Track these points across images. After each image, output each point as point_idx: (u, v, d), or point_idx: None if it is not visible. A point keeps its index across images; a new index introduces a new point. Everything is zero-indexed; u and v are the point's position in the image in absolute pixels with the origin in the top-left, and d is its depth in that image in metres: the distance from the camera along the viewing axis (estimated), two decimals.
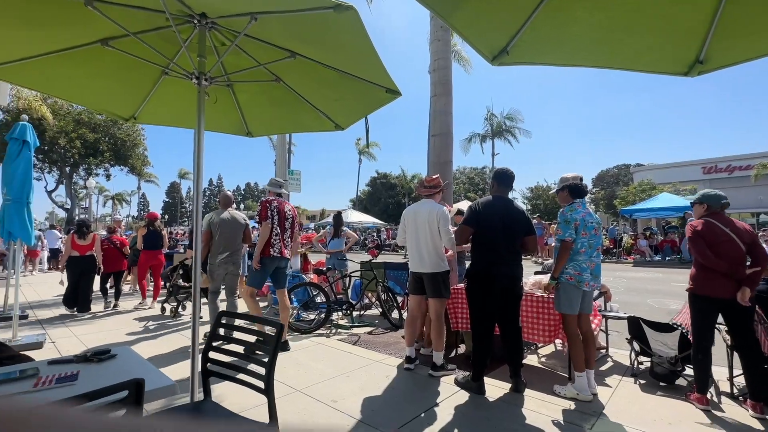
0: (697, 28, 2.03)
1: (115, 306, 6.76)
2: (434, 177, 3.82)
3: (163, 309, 6.38)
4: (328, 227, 7.10)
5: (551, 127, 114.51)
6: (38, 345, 4.38)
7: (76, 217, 24.79)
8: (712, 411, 2.84)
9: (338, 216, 6.93)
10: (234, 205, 4.91)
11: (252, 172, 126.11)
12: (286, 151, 10.35)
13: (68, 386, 1.40)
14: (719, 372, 3.24)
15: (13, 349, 1.98)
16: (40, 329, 5.21)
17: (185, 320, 5.97)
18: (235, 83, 3.04)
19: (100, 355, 1.68)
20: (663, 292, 8.44)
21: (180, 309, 6.25)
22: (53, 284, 8.29)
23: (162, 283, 7.14)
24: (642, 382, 3.38)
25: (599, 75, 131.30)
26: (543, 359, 4.07)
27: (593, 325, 3.54)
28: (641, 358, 3.56)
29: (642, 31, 2.13)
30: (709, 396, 2.91)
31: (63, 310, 6.28)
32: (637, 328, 3.53)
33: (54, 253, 13.60)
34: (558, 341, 4.03)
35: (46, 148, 24.02)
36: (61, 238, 14.14)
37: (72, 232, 6.53)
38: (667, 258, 15.83)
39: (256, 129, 3.59)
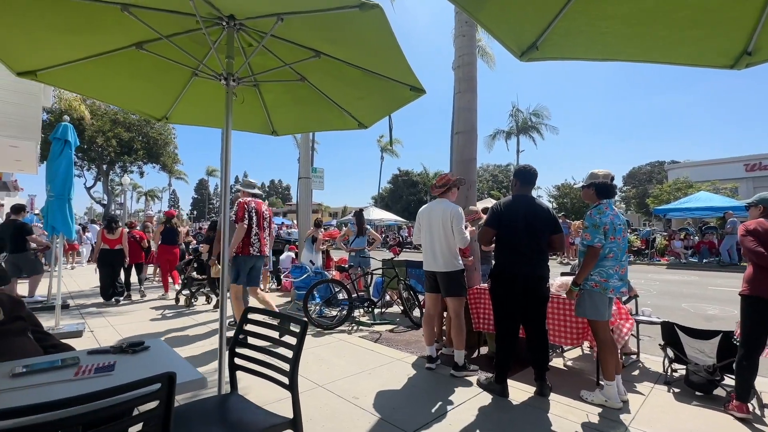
0: (745, 16, 1.89)
1: (142, 292, 7.25)
2: (444, 175, 3.77)
3: (177, 299, 6.79)
4: (350, 225, 7.14)
5: (579, 123, 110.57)
6: (78, 333, 4.65)
7: (112, 212, 26.13)
8: (753, 423, 2.67)
9: (360, 214, 6.96)
10: None
11: (276, 170, 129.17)
12: (309, 149, 10.48)
13: (106, 376, 1.47)
14: (761, 383, 3.04)
15: (56, 338, 2.09)
16: (80, 318, 5.53)
17: (198, 309, 6.38)
18: (262, 83, 3.09)
19: (134, 347, 1.76)
20: (699, 296, 8.02)
21: (192, 300, 6.64)
22: (91, 276, 8.78)
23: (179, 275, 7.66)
24: (676, 390, 3.22)
25: (630, 70, 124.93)
26: (569, 362, 3.95)
27: (624, 330, 3.40)
28: (675, 366, 3.40)
29: (683, 22, 2.00)
30: (749, 407, 2.74)
31: (100, 300, 6.68)
32: (671, 333, 3.36)
33: None
34: (585, 344, 3.90)
35: (85, 146, 25.40)
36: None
37: (102, 227, 6.96)
38: (704, 260, 15.00)
39: (281, 128, 3.65)
